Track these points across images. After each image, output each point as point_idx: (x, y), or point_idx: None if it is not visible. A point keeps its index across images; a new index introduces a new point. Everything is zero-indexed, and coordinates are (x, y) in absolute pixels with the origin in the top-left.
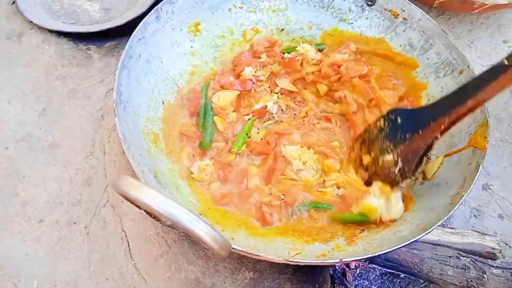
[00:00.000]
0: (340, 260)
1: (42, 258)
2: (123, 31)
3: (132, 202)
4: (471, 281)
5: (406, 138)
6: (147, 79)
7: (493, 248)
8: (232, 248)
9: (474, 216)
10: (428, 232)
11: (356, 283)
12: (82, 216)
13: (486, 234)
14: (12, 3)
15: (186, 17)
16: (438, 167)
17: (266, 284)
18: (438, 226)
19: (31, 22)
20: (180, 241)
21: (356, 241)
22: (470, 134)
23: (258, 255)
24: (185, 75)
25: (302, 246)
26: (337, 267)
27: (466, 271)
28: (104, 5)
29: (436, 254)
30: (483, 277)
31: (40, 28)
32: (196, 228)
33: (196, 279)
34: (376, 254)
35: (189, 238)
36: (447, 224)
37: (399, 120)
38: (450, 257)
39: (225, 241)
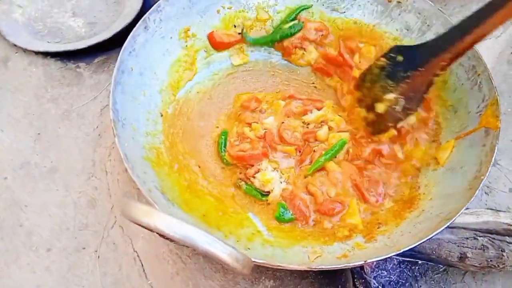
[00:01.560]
0: (365, 261)
1: None
2: (112, 44)
3: (143, 227)
4: (491, 260)
5: (407, 76)
6: (143, 92)
7: (509, 224)
8: (254, 262)
9: (486, 193)
10: (451, 222)
11: (375, 275)
12: (91, 240)
13: (500, 211)
14: None
15: (175, 24)
16: (451, 152)
17: None
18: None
19: (16, 45)
20: (195, 256)
21: (376, 237)
22: (480, 114)
23: (280, 266)
24: (181, 83)
25: (321, 248)
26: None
27: (485, 251)
28: (88, 19)
29: (453, 237)
30: (503, 255)
31: (25, 51)
32: (216, 250)
33: None
34: (401, 251)
35: None
36: None
37: (400, 58)
38: (467, 238)
39: (246, 259)
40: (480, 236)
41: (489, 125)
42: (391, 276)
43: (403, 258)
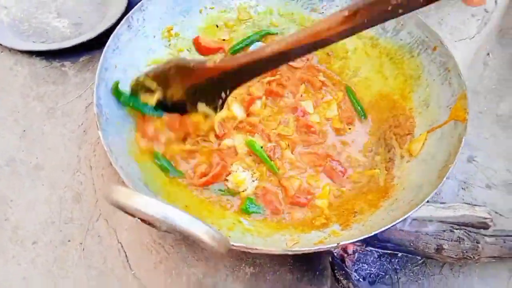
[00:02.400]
0: (338, 244)
1: (39, 281)
2: (96, 44)
3: (125, 211)
4: (466, 252)
5: None
6: (126, 89)
7: (485, 218)
8: (231, 245)
9: (463, 189)
10: (419, 207)
11: (356, 268)
12: (76, 233)
13: (476, 205)
14: None
15: (158, 24)
16: (423, 144)
17: (267, 277)
18: (429, 202)
19: (1, 45)
20: (178, 246)
21: (351, 225)
22: (450, 108)
23: (257, 249)
24: None
25: (299, 236)
26: (335, 254)
27: (461, 243)
28: (73, 20)
29: (430, 230)
30: (478, 246)
31: (11, 50)
32: (194, 229)
33: (197, 281)
34: (372, 234)
35: (187, 242)
36: (437, 200)
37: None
38: (444, 231)
39: (223, 238)
40: (456, 229)
41: (458, 118)
42: (372, 269)
43: (383, 251)
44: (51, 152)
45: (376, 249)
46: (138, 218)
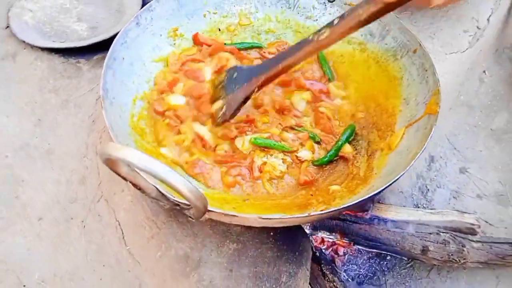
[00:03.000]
0: (309, 214)
1: (42, 252)
2: (110, 45)
3: (117, 171)
4: (452, 254)
5: (234, 89)
6: (132, 80)
7: (472, 224)
8: (209, 210)
9: (454, 197)
10: (391, 183)
11: (345, 268)
12: (79, 212)
13: (465, 212)
14: (6, 27)
15: (164, 23)
16: (401, 138)
17: (249, 253)
18: (419, 207)
19: (24, 42)
20: (169, 222)
21: (331, 208)
22: (426, 103)
23: (235, 215)
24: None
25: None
26: (326, 255)
27: (446, 245)
28: (91, 24)
29: (416, 232)
30: (463, 250)
31: (32, 47)
32: (172, 179)
33: (185, 254)
34: (340, 207)
35: (177, 219)
36: (427, 206)
37: (235, 75)
38: (430, 233)
39: (200, 193)
40: (443, 232)
41: (432, 112)
42: (360, 270)
43: (370, 250)
44: (62, 139)
45: (363, 248)
46: (130, 182)
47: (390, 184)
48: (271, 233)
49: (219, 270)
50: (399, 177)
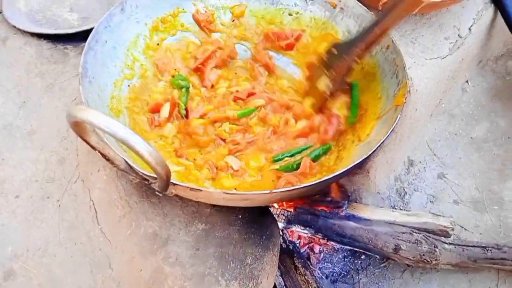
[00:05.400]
0: (270, 191)
1: (16, 228)
2: None
3: (86, 140)
4: (423, 255)
5: (337, 63)
6: (114, 63)
7: (446, 226)
8: (174, 183)
9: (431, 202)
10: (351, 167)
11: (320, 266)
12: (55, 191)
13: (440, 215)
14: None
15: (149, 12)
16: (371, 130)
17: (217, 234)
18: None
19: (15, 27)
20: (141, 202)
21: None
22: (394, 96)
23: (199, 189)
24: (151, 64)
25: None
26: (302, 252)
27: (419, 245)
28: (83, 14)
29: (390, 230)
30: (435, 251)
31: (23, 33)
32: (132, 140)
33: (153, 232)
34: (306, 184)
35: (150, 199)
36: (404, 209)
37: (335, 51)
38: (404, 233)
39: (160, 157)
40: (416, 232)
41: (398, 103)
42: (335, 268)
43: (344, 246)
44: (45, 121)
45: (336, 244)
46: (99, 151)
47: (351, 168)
48: (239, 216)
49: (186, 249)
50: (361, 161)
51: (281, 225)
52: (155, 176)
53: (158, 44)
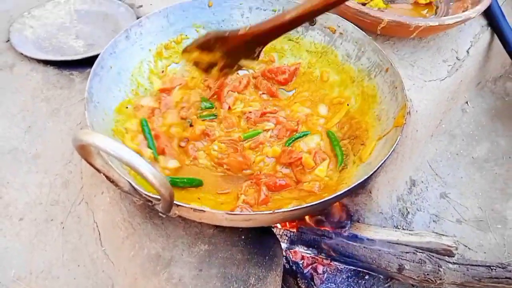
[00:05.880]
0: (273, 211)
1: (20, 251)
2: None
3: (91, 163)
4: (427, 274)
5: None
6: (118, 88)
7: (449, 246)
8: (177, 204)
9: (434, 221)
10: (354, 186)
11: (324, 286)
12: (59, 214)
13: (443, 235)
14: (7, 41)
15: (153, 39)
16: (371, 150)
17: (220, 255)
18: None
19: (22, 54)
20: (144, 223)
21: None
22: (394, 118)
23: (203, 211)
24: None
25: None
26: (305, 272)
27: (423, 265)
28: (88, 42)
29: (393, 250)
30: (439, 270)
31: (30, 59)
32: (137, 163)
33: (157, 254)
34: (308, 204)
35: (153, 221)
36: (407, 228)
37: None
38: (407, 252)
39: (164, 179)
40: (419, 252)
41: (398, 124)
42: None
43: (347, 266)
44: (49, 144)
45: (340, 264)
46: (103, 174)
47: (353, 188)
48: (242, 236)
49: (189, 270)
50: (363, 181)
51: (284, 245)
52: (158, 197)
53: (163, 72)
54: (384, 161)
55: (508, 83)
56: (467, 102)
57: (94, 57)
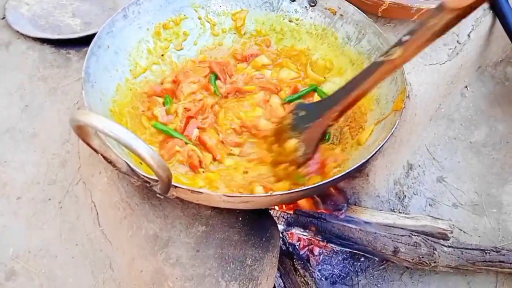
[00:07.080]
0: (271, 193)
1: (18, 229)
2: None
3: (88, 143)
4: (422, 257)
5: (308, 126)
6: (116, 68)
7: (444, 229)
8: (174, 185)
9: (430, 205)
10: (350, 171)
11: (320, 268)
12: (57, 193)
13: (439, 219)
14: (2, 19)
15: (151, 18)
16: (370, 134)
17: (217, 236)
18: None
19: (18, 32)
20: (142, 204)
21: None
22: (393, 101)
23: (200, 192)
24: (154, 68)
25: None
26: (301, 254)
27: (417, 248)
28: (85, 20)
29: (389, 233)
30: (434, 253)
31: (26, 37)
32: (135, 144)
33: (154, 234)
34: (303, 188)
35: (151, 202)
36: (403, 212)
37: (303, 113)
38: (403, 235)
39: (162, 161)
40: (414, 235)
41: (397, 108)
42: (334, 270)
43: (343, 249)
44: (47, 124)
45: (336, 246)
46: (101, 154)
47: (351, 171)
48: (240, 218)
49: (186, 250)
50: (360, 164)
51: (281, 227)
52: (156, 178)
53: (162, 55)
54: (382, 145)
55: (508, 68)
56: (466, 87)
57: (91, 36)
